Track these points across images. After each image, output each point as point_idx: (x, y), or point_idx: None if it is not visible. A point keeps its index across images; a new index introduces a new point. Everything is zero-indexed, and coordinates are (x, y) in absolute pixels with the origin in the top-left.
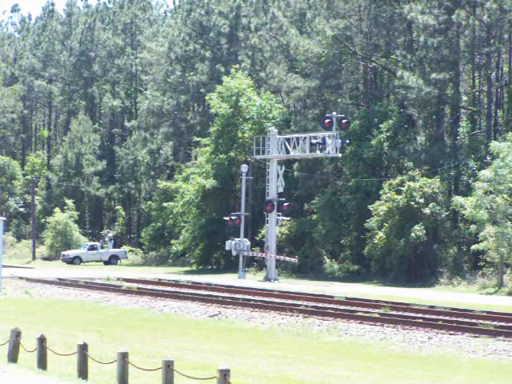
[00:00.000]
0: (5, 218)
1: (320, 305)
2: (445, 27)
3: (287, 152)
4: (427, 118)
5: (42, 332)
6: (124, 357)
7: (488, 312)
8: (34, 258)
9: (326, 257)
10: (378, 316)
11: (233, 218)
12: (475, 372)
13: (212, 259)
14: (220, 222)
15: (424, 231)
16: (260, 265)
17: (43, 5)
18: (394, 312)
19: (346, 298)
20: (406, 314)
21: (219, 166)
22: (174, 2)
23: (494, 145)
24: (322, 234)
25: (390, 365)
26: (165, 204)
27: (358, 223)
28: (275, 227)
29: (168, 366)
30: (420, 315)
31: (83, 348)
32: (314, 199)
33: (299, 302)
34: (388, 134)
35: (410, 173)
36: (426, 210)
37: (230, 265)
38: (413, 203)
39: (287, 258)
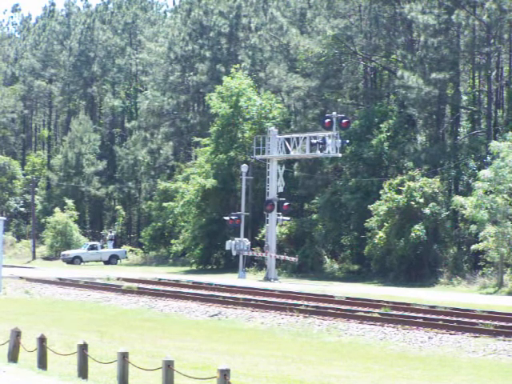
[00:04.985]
0: (5, 218)
1: (320, 304)
2: (445, 27)
3: (287, 152)
4: (427, 118)
5: (42, 332)
6: (124, 357)
7: (488, 312)
8: (34, 257)
9: (326, 256)
10: (378, 316)
11: (233, 217)
12: (475, 372)
13: (212, 259)
14: (220, 221)
15: (424, 231)
16: (260, 265)
17: (43, 5)
18: (394, 312)
19: (347, 298)
20: (407, 313)
21: (219, 165)
22: (173, 2)
23: (494, 145)
24: (322, 234)
25: (389, 365)
26: (165, 204)
27: (358, 223)
28: (275, 227)
29: (168, 366)
30: (420, 315)
31: (83, 348)
32: (314, 199)
33: (299, 302)
34: (388, 134)
35: (410, 173)
36: (426, 210)
37: (230, 265)
38: (413, 203)
39: (287, 258)
